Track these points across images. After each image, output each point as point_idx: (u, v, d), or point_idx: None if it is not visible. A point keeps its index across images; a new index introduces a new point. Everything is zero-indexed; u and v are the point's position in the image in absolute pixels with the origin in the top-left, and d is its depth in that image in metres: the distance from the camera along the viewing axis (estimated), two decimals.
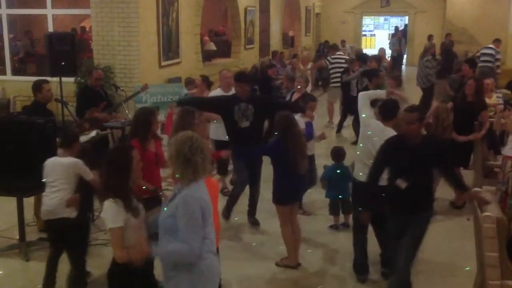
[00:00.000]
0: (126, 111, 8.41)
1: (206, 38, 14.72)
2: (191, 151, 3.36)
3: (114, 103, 7.98)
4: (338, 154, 6.80)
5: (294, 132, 5.62)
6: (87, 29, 12.19)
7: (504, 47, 15.90)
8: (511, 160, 6.12)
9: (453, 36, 19.02)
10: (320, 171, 7.16)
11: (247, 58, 14.84)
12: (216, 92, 7.78)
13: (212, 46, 14.65)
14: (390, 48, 19.33)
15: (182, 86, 10.06)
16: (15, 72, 11.79)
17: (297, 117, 6.34)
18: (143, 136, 5.04)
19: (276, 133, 5.77)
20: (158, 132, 5.78)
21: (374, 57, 11.43)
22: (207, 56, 14.06)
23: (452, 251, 6.26)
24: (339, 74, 11.79)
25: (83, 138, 6.20)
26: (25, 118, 6.63)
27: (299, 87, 8.15)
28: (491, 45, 13.76)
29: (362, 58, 11.59)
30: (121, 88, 8.84)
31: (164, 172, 5.87)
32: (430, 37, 19.19)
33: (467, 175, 7.59)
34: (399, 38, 19.57)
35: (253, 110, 6.50)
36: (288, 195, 5.71)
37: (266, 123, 7.60)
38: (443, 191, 6.96)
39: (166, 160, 5.06)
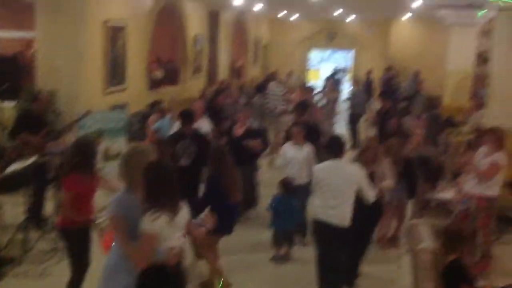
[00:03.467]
0: (69, 138, 8.24)
1: (154, 65, 14.66)
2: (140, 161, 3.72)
3: (56, 129, 7.82)
4: (286, 184, 6.85)
5: (226, 163, 5.69)
6: (30, 53, 11.94)
7: (441, 84, 16.54)
8: (477, 199, 6.45)
9: (394, 71, 19.67)
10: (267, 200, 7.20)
11: (194, 86, 14.86)
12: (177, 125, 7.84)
13: (160, 74, 14.59)
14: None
15: (127, 113, 9.96)
16: None
17: None
18: (85, 167, 4.96)
19: (209, 165, 5.80)
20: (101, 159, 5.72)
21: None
22: (154, 83, 13.99)
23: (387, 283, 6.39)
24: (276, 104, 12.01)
25: (18, 165, 6.04)
26: None
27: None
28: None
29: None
30: (63, 114, 8.67)
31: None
32: (369, 72, 19.89)
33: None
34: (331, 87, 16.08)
35: (195, 149, 6.53)
36: (226, 225, 5.73)
37: None
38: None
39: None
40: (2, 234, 6.31)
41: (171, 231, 3.62)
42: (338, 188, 5.38)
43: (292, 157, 7.10)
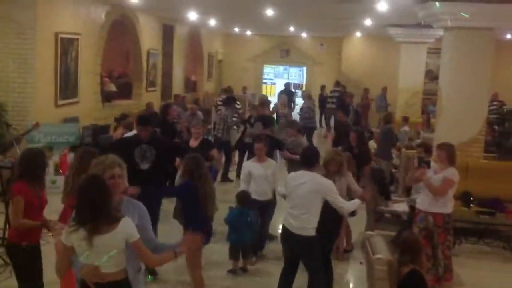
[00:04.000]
0: (18, 151, 7.99)
1: (106, 79, 14.46)
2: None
3: (5, 142, 7.59)
4: (242, 198, 6.82)
5: (202, 174, 5.63)
6: None
7: (394, 100, 16.96)
8: (432, 215, 6.43)
9: (348, 88, 20.04)
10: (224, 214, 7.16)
11: (148, 100, 14.70)
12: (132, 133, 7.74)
13: (112, 87, 14.40)
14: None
15: (79, 127, 9.76)
16: None
17: None
18: (32, 178, 4.80)
19: (184, 175, 5.74)
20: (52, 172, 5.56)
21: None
22: (107, 97, 13.79)
23: None
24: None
25: None
26: None
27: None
28: (337, 88, 18.22)
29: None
30: (13, 126, 8.43)
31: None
32: (322, 87, 20.31)
33: (362, 220, 7.91)
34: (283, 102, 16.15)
35: (154, 152, 6.44)
36: (206, 237, 5.68)
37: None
38: None
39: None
40: None
41: (91, 249, 3.54)
42: (302, 199, 5.41)
43: (255, 174, 7.03)
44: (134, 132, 8.54)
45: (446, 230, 6.47)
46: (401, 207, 8.05)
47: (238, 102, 12.92)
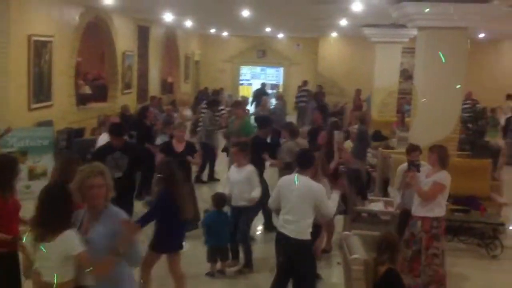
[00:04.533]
0: None
1: (81, 81, 14.30)
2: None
3: None
4: (219, 200, 6.80)
5: (177, 179, 5.60)
6: None
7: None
8: (421, 220, 6.27)
9: (324, 88, 20.18)
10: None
11: (124, 102, 14.59)
12: (103, 137, 7.67)
13: (87, 90, 14.25)
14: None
15: (53, 130, 9.63)
16: None
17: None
18: (4, 185, 4.71)
19: (159, 182, 5.71)
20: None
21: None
22: (82, 100, 13.64)
23: None
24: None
25: None
26: None
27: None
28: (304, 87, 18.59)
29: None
30: None
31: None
32: (305, 82, 20.37)
33: (338, 220, 7.95)
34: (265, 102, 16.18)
35: (127, 160, 6.40)
36: (177, 242, 5.65)
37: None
38: None
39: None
40: None
41: (36, 254, 3.65)
42: (296, 203, 5.40)
43: (231, 179, 6.99)
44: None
45: (433, 236, 6.22)
46: (377, 206, 8.11)
47: (221, 107, 12.87)
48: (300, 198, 5.40)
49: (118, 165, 6.28)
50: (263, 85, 21.99)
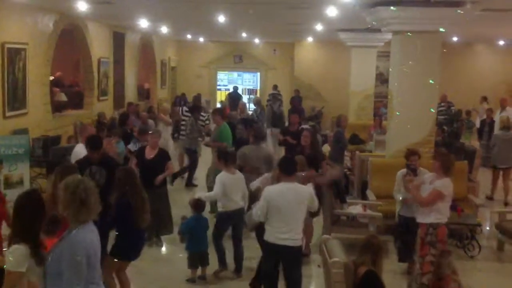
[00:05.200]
0: None
1: (57, 88, 14.14)
2: (86, 192, 3.42)
3: None
4: (198, 205, 6.78)
5: (135, 186, 5.59)
6: None
7: (345, 103, 17.17)
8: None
9: (301, 92, 20.27)
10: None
11: (101, 109, 14.47)
12: (79, 147, 7.58)
13: (63, 97, 14.09)
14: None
15: (28, 138, 9.49)
16: None
17: None
18: None
19: (115, 189, 5.66)
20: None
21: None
22: (58, 107, 13.49)
23: None
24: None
25: None
26: None
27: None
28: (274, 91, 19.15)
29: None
30: None
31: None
32: (275, 87, 20.44)
33: (316, 223, 7.98)
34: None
35: (105, 173, 6.34)
36: (135, 250, 5.62)
37: None
38: None
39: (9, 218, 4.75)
40: None
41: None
42: (289, 213, 5.41)
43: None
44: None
45: (429, 243, 6.14)
46: (356, 209, 8.16)
47: (203, 113, 12.80)
48: (294, 206, 5.42)
49: (95, 179, 6.19)
50: (235, 88, 22.15)
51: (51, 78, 13.02)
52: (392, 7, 8.56)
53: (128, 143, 10.12)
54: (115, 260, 5.62)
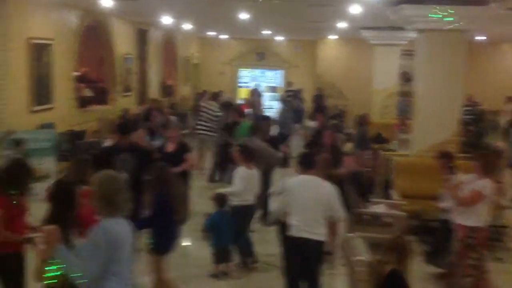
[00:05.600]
0: None
1: (81, 84, 14.31)
2: (114, 189, 3.53)
3: None
4: (222, 200, 6.80)
5: (170, 182, 5.62)
6: None
7: (368, 102, 17.07)
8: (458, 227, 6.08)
9: (323, 90, 20.18)
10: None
11: (124, 105, 14.60)
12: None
13: (88, 93, 14.26)
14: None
15: (55, 133, 9.62)
16: None
17: None
18: (18, 188, 4.73)
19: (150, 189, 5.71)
20: None
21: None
22: (83, 102, 13.65)
23: None
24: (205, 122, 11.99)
25: None
26: None
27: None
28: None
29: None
30: None
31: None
32: (289, 84, 20.45)
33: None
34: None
35: (134, 161, 6.39)
36: (171, 243, 5.65)
37: None
38: None
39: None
40: None
41: None
42: (307, 204, 5.39)
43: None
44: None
45: (468, 246, 5.92)
46: (380, 208, 8.11)
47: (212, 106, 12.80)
48: (314, 198, 5.41)
49: (124, 167, 6.26)
50: (257, 86, 22.24)
51: (76, 73, 13.13)
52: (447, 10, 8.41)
53: (152, 139, 10.17)
54: (156, 255, 5.67)
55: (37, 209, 5.14)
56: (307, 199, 5.42)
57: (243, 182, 6.85)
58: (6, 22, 9.80)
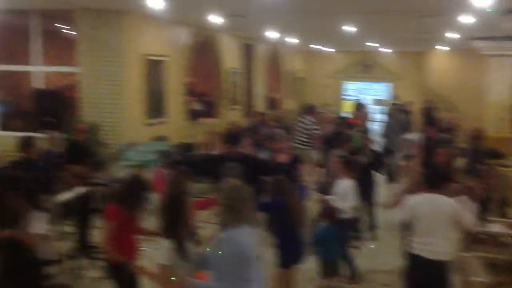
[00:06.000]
0: (112, 169, 8.36)
1: (192, 98, 14.87)
2: (236, 199, 3.61)
3: (99, 159, 7.95)
4: (331, 214, 6.76)
5: (291, 194, 5.66)
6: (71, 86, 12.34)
7: (481, 114, 16.28)
8: None
9: (433, 103, 19.48)
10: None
11: (231, 118, 14.97)
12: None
13: (197, 106, 14.81)
14: None
15: (168, 145, 10.04)
16: (2, 127, 11.55)
17: None
18: (132, 205, 4.96)
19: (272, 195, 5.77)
20: None
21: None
22: (193, 116, 14.17)
23: None
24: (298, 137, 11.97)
25: (69, 194, 6.12)
26: (11, 172, 6.42)
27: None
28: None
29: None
30: (106, 145, 8.81)
31: None
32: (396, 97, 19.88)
33: None
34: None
35: (241, 170, 6.50)
36: (296, 256, 5.65)
37: None
38: None
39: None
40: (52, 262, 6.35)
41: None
42: (430, 224, 5.24)
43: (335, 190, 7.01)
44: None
45: None
46: (496, 227, 7.68)
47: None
48: (435, 217, 5.23)
49: (231, 176, 6.40)
50: (359, 99, 21.96)
51: (187, 87, 13.67)
52: None
53: (257, 151, 10.31)
54: (282, 269, 5.73)
55: (150, 219, 5.38)
56: (425, 220, 5.24)
57: (354, 195, 6.83)
58: (123, 40, 10.41)
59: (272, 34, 15.13)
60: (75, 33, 10.88)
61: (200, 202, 5.93)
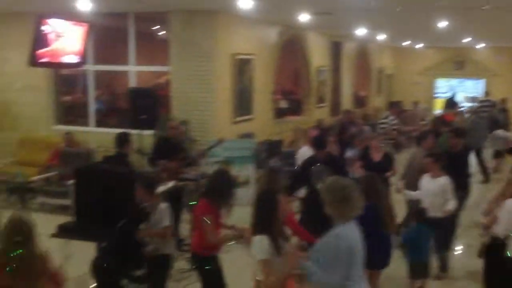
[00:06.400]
0: (202, 165, 8.62)
1: (278, 96, 14.99)
2: (346, 196, 3.69)
3: (190, 155, 8.21)
4: (421, 214, 6.63)
5: (381, 192, 5.60)
6: (163, 85, 12.83)
7: None
8: None
9: None
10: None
11: (318, 116, 14.95)
12: (304, 149, 8.08)
13: (284, 104, 14.91)
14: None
15: (255, 142, 10.20)
16: (98, 124, 12.21)
17: None
18: (218, 202, 5.11)
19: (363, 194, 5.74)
20: None
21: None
22: (279, 113, 14.29)
23: None
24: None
25: (161, 188, 6.38)
26: (111, 167, 6.67)
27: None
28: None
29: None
30: (196, 141, 9.09)
31: None
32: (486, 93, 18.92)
33: None
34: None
35: (330, 172, 6.54)
36: (385, 257, 5.62)
37: None
38: None
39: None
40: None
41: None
42: None
43: (425, 189, 6.86)
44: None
45: None
46: None
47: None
48: None
49: (320, 177, 6.45)
50: (453, 95, 21.25)
51: (274, 86, 13.80)
52: None
53: (344, 150, 10.23)
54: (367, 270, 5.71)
55: (238, 213, 5.54)
56: None
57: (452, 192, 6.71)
58: (213, 40, 10.66)
59: (360, 31, 14.93)
60: (167, 34, 11.29)
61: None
